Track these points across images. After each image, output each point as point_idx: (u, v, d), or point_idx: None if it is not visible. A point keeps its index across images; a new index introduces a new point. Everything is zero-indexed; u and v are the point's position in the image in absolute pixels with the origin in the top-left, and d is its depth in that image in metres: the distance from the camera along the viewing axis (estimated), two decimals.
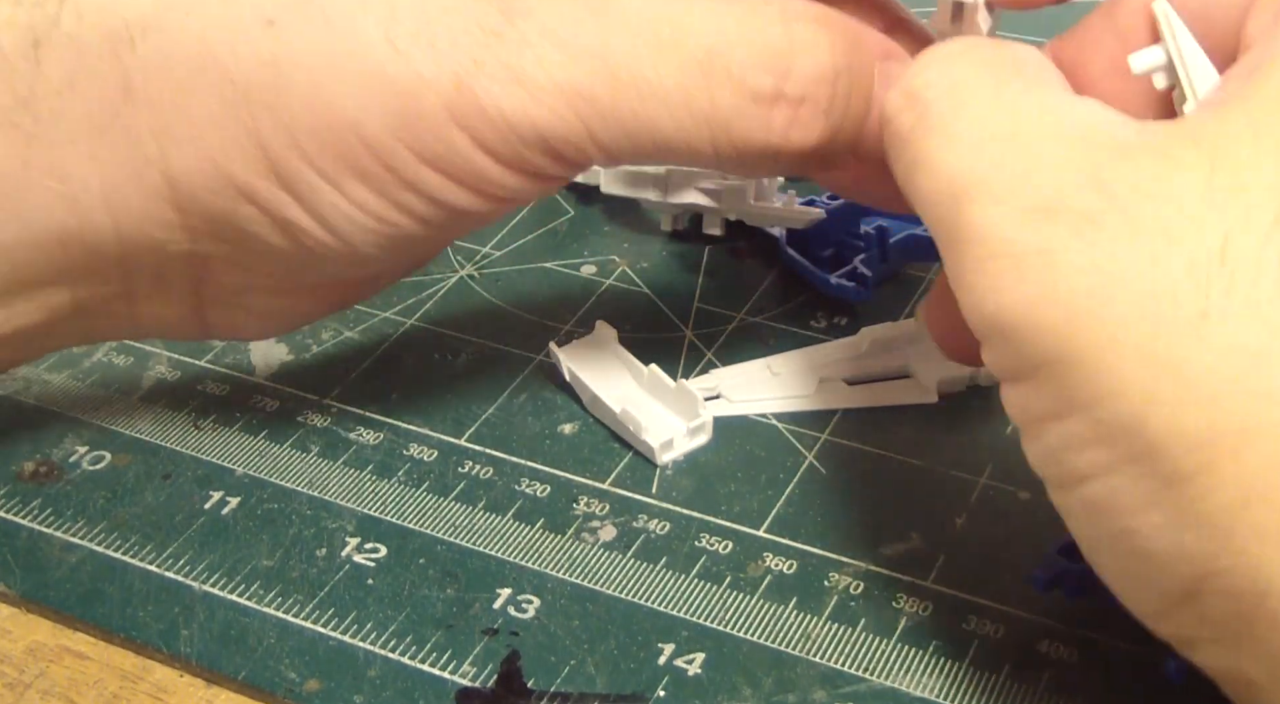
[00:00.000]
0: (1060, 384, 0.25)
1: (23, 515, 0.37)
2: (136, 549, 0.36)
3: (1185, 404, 0.23)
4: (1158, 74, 0.29)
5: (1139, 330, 0.24)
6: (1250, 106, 0.25)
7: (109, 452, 0.39)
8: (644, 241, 0.47)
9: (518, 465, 0.38)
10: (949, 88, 0.29)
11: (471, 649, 0.33)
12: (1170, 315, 0.23)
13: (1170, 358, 0.23)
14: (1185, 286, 0.23)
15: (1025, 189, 0.25)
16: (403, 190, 0.32)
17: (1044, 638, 0.33)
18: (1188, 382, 0.23)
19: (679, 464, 0.38)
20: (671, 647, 0.33)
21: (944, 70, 0.29)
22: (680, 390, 0.39)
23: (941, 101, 0.29)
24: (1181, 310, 0.23)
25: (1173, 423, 0.23)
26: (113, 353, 0.43)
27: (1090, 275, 0.24)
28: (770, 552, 0.35)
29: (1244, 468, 0.23)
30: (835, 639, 0.33)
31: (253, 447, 0.39)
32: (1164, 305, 0.23)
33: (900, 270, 0.45)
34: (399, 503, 0.37)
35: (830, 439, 0.39)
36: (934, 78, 0.29)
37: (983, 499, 0.37)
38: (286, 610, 0.34)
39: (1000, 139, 0.27)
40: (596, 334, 0.41)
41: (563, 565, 0.35)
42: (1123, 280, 0.24)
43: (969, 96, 0.28)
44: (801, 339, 0.42)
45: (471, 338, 0.43)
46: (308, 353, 0.42)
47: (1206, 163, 0.24)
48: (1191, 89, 0.28)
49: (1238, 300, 0.23)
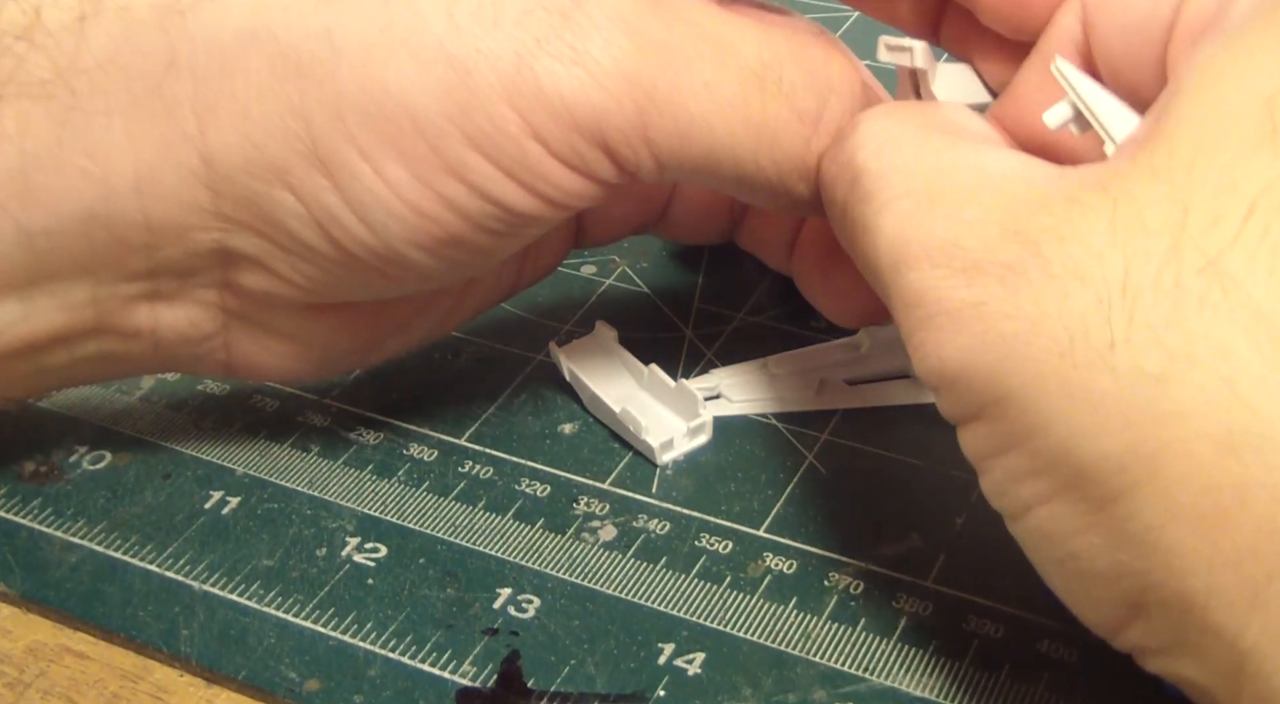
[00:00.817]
0: (998, 423, 0.26)
1: (23, 515, 0.37)
2: (136, 549, 0.36)
3: (1103, 430, 0.24)
4: (1070, 125, 0.30)
5: (1058, 366, 0.25)
6: (1152, 146, 0.26)
7: (109, 452, 0.39)
8: (644, 241, 0.47)
9: (518, 465, 0.38)
10: (876, 152, 0.30)
11: (471, 649, 0.33)
12: (1083, 349, 0.25)
13: (1086, 388, 0.25)
14: (1094, 320, 0.25)
15: (955, 251, 0.27)
16: (446, 176, 0.31)
17: (1044, 638, 0.33)
18: (1103, 409, 0.24)
19: (679, 464, 0.38)
20: (671, 647, 0.33)
21: (870, 133, 0.31)
22: (680, 390, 0.39)
23: (870, 166, 0.30)
24: (1092, 342, 0.24)
25: (1095, 449, 0.24)
26: None
27: (1015, 320, 0.26)
28: (770, 552, 0.35)
29: (1161, 487, 0.24)
30: (835, 639, 0.33)
31: (253, 447, 0.39)
32: (1077, 340, 0.25)
33: None
34: (399, 503, 0.37)
35: (830, 439, 0.39)
36: (862, 141, 0.30)
37: (983, 499, 0.36)
38: (286, 610, 0.34)
39: (926, 202, 0.28)
40: (596, 334, 0.41)
41: (563, 565, 0.35)
42: (1041, 321, 0.25)
43: (896, 160, 0.29)
44: (801, 339, 0.42)
45: (471, 338, 0.43)
46: None
47: (1110, 203, 0.25)
48: (1107, 134, 0.29)
49: (1139, 327, 0.24)
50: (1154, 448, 0.24)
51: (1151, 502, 0.24)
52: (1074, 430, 0.25)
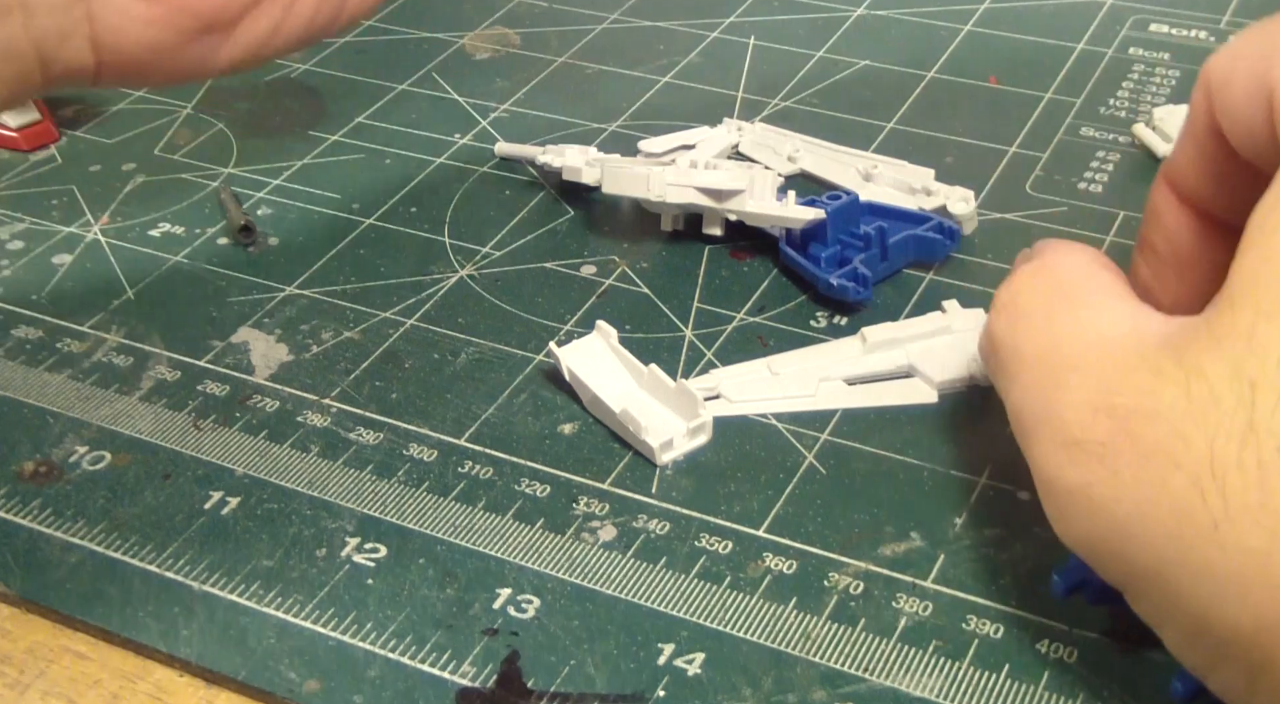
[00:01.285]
0: (1144, 598, 0.27)
1: (23, 515, 0.37)
2: (136, 549, 0.36)
3: (1229, 604, 0.25)
4: None
5: (1175, 548, 0.25)
6: (1218, 306, 0.26)
7: (109, 452, 0.39)
8: (644, 241, 0.47)
9: (518, 465, 0.38)
10: (1009, 324, 0.31)
11: (471, 649, 0.33)
12: (1190, 531, 0.25)
13: (1204, 566, 0.25)
14: (1193, 501, 0.25)
15: (1058, 425, 0.28)
16: None
17: (1044, 638, 0.33)
18: (1225, 583, 0.25)
19: (679, 464, 0.38)
20: (671, 647, 0.33)
21: (1004, 302, 0.32)
22: (680, 390, 0.39)
23: (1005, 342, 0.31)
24: (1197, 524, 0.25)
25: (1227, 622, 0.25)
26: (113, 353, 0.43)
27: (1123, 504, 0.26)
28: (770, 552, 0.35)
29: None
30: (835, 639, 0.33)
31: (253, 447, 0.39)
32: (1184, 523, 0.25)
33: (900, 270, 0.45)
34: (399, 503, 0.37)
35: (830, 439, 0.39)
36: (998, 310, 0.32)
37: (983, 499, 0.37)
38: (286, 610, 0.34)
39: (1040, 375, 0.29)
40: (596, 334, 0.41)
41: (562, 565, 0.35)
42: (1147, 505, 0.26)
43: (1024, 332, 0.30)
44: (801, 339, 0.42)
45: (471, 338, 0.43)
46: (308, 353, 0.43)
47: (1184, 376, 0.26)
48: None
49: (1235, 507, 0.25)
50: (1276, 618, 0.24)
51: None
52: (1205, 605, 0.25)
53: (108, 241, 0.48)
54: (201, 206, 0.50)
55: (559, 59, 0.58)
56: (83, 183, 0.51)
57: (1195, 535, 0.25)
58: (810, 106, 0.54)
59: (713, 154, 0.50)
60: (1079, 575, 0.32)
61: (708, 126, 0.52)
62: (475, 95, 0.56)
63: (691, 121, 0.52)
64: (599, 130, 0.53)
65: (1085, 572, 0.32)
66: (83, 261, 0.47)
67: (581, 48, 0.59)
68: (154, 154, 0.53)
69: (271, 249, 0.47)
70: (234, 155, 0.53)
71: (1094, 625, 0.33)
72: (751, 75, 0.56)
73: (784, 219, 0.44)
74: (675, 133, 0.51)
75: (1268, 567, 0.24)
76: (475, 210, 0.49)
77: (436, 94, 0.56)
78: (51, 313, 0.45)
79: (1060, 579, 0.32)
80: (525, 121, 0.54)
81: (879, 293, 0.44)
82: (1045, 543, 0.35)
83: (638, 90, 0.55)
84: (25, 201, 0.50)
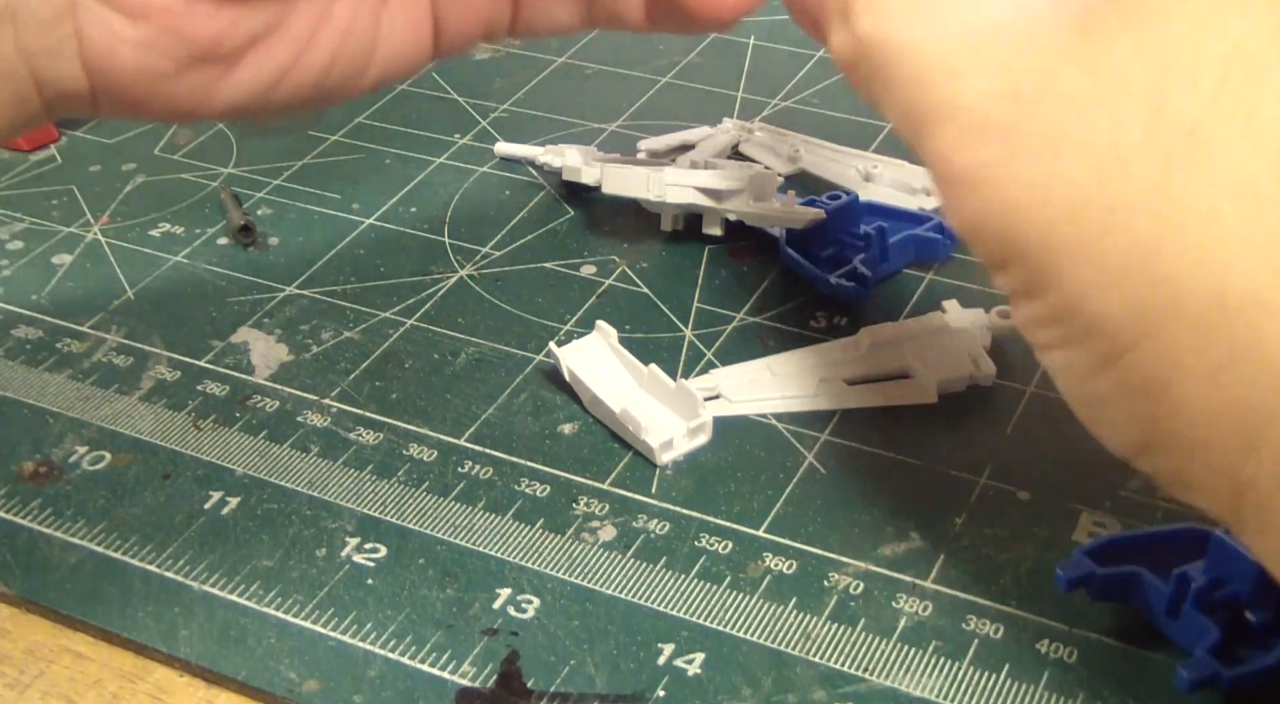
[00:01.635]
0: (1018, 275, 0.27)
1: (23, 515, 0.37)
2: (136, 549, 0.36)
3: (1107, 292, 0.25)
4: None
5: (1065, 231, 0.26)
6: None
7: (109, 452, 0.39)
8: (644, 242, 0.47)
9: (518, 465, 0.38)
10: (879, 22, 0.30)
11: (471, 649, 0.33)
12: (1083, 215, 0.25)
13: (1091, 252, 0.25)
14: (1090, 185, 0.25)
15: (957, 112, 0.27)
16: None
17: (1044, 638, 0.33)
18: (1107, 271, 0.25)
19: (679, 464, 0.38)
20: (671, 647, 0.33)
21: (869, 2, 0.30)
22: (680, 390, 0.39)
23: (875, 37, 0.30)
24: (1091, 208, 0.25)
25: (1100, 308, 0.26)
26: (113, 353, 0.43)
27: (1019, 185, 0.26)
28: (770, 552, 0.35)
29: (1160, 346, 0.25)
30: (835, 639, 0.33)
31: (253, 447, 0.39)
32: (1078, 206, 0.25)
33: (900, 270, 0.45)
34: (399, 503, 0.37)
35: (830, 439, 0.39)
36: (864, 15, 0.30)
37: (982, 499, 0.37)
38: (286, 610, 0.34)
39: (928, 67, 0.28)
40: (596, 334, 0.41)
41: (562, 565, 0.35)
42: (1044, 186, 0.26)
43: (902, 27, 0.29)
44: (801, 339, 0.42)
45: (471, 338, 0.43)
46: (308, 353, 0.43)
47: (1092, 56, 0.25)
48: None
49: (1133, 194, 0.25)
50: (1152, 309, 0.25)
51: (1152, 358, 0.25)
52: (1081, 290, 0.26)
53: (108, 241, 0.48)
54: (201, 206, 0.50)
55: (559, 59, 0.58)
56: (83, 183, 0.51)
57: (1087, 220, 0.25)
58: (810, 106, 0.54)
59: (713, 154, 0.50)
60: (1082, 571, 0.32)
61: (708, 126, 0.52)
62: (475, 95, 0.56)
63: (691, 121, 0.52)
64: (599, 130, 0.53)
65: (1089, 567, 0.32)
66: (82, 262, 0.47)
67: (581, 48, 0.59)
68: (154, 154, 0.53)
69: (271, 249, 0.47)
70: (234, 155, 0.53)
71: (1094, 625, 0.33)
72: (751, 75, 0.56)
73: (784, 219, 0.44)
74: (675, 133, 0.51)
75: (1153, 258, 0.24)
76: (475, 210, 0.49)
77: (436, 94, 0.56)
78: (51, 313, 0.45)
79: (1063, 574, 0.32)
80: (525, 121, 0.54)
81: (879, 293, 0.44)
82: (1045, 543, 0.35)
83: (638, 90, 0.55)
84: (25, 201, 0.50)
